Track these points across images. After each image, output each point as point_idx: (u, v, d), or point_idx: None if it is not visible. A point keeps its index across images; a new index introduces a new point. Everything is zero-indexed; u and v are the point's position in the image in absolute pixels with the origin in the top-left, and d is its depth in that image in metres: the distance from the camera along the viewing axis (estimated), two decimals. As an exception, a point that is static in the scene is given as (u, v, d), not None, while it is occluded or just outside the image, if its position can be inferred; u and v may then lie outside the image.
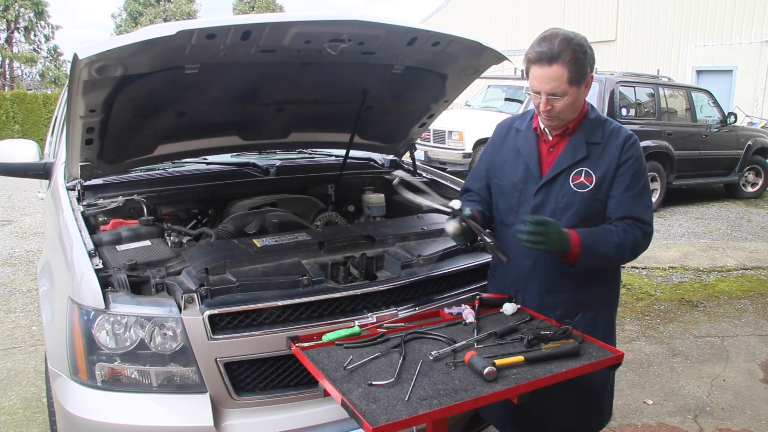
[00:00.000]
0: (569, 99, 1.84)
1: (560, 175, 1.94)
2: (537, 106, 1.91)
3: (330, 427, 1.93)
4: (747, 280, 5.69)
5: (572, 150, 1.94)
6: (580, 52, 1.80)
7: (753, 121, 12.24)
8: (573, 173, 1.92)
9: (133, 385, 1.85)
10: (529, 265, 2.01)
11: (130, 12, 36.60)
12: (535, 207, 1.96)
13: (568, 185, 1.92)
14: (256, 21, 2.07)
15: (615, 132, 1.94)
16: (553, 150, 1.98)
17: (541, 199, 1.96)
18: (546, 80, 1.81)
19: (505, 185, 2.06)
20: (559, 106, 1.85)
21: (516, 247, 1.99)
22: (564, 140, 1.96)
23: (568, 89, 1.81)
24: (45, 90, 26.58)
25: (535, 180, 1.97)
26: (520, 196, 2.00)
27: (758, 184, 10.17)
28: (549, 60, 1.78)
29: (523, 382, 1.54)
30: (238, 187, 3.08)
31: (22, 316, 4.62)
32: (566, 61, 1.78)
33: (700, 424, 3.16)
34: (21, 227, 7.78)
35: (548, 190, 1.95)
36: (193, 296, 1.85)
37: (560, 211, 1.93)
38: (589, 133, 1.94)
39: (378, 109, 3.12)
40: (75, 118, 2.23)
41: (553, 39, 1.79)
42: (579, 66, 1.80)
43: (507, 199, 2.05)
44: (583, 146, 1.93)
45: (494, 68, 2.92)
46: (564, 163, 1.94)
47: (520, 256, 2.00)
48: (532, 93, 1.88)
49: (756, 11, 14.63)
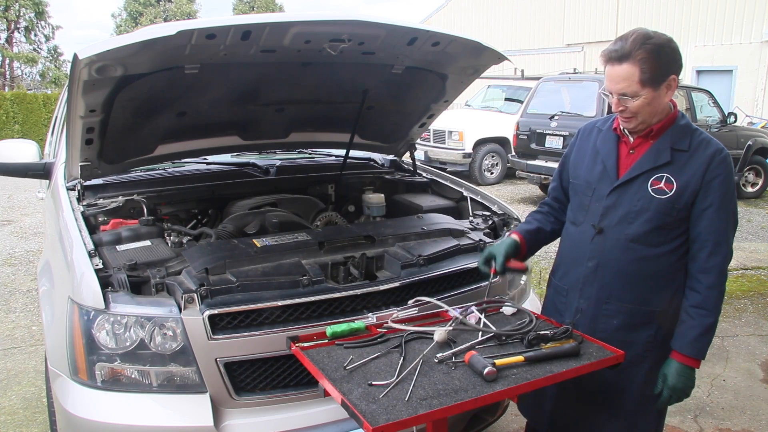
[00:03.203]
0: (643, 100, 1.75)
1: (638, 177, 1.85)
2: (612, 106, 1.84)
3: (330, 427, 1.93)
4: (747, 280, 5.69)
5: (655, 154, 1.84)
6: (656, 51, 1.71)
7: (753, 121, 12.24)
8: (653, 178, 1.83)
9: (133, 385, 1.84)
10: (592, 267, 1.92)
11: (130, 12, 36.59)
12: (607, 208, 1.89)
13: (645, 189, 1.83)
14: (256, 21, 2.07)
15: (705, 142, 1.82)
16: (633, 152, 1.89)
17: (614, 201, 1.88)
18: (616, 80, 1.75)
19: (579, 184, 2.00)
20: (633, 108, 1.77)
21: (579, 247, 1.96)
22: (647, 143, 1.86)
23: (641, 90, 1.73)
24: (45, 90, 26.59)
25: (611, 180, 1.90)
26: (593, 196, 1.93)
27: (758, 184, 10.16)
28: (619, 59, 1.72)
29: (523, 382, 1.54)
30: (238, 187, 3.08)
31: (22, 316, 4.62)
32: (638, 59, 1.70)
33: (700, 424, 3.16)
34: (21, 227, 7.78)
35: (623, 191, 1.87)
36: (193, 296, 1.84)
37: (633, 215, 1.84)
38: (676, 140, 1.83)
39: (378, 109, 3.12)
40: (75, 118, 2.23)
41: (628, 37, 1.73)
42: (654, 66, 1.71)
43: (580, 198, 1.99)
44: (667, 151, 1.82)
45: (494, 68, 2.92)
46: (644, 166, 1.84)
47: (582, 256, 1.95)
48: (608, 93, 1.81)
49: (756, 11, 14.63)
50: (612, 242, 1.88)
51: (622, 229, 1.86)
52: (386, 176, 3.47)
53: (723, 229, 1.81)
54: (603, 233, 1.90)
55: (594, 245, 1.92)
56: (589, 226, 1.93)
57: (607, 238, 1.89)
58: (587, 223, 1.94)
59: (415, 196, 3.21)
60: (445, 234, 2.46)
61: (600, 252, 1.90)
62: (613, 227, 1.88)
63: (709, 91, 9.93)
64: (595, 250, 1.91)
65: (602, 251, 1.90)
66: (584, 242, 1.94)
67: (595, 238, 1.91)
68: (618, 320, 1.90)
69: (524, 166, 9.13)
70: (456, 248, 2.34)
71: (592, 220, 1.93)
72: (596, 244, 1.91)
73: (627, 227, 1.85)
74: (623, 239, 1.86)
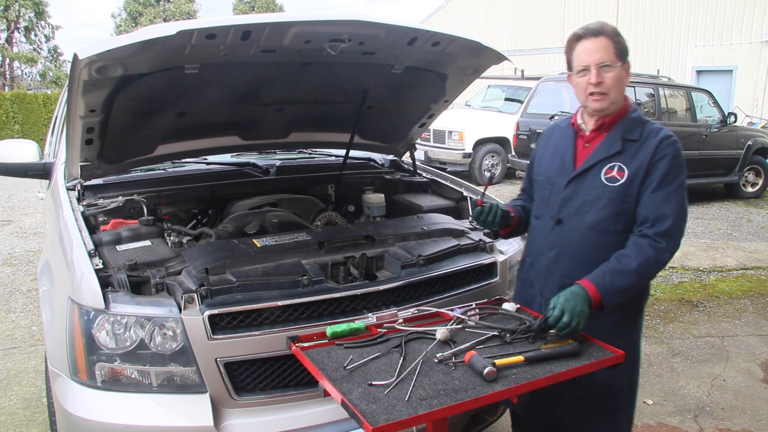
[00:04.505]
0: (618, 73, 1.88)
1: (593, 168, 1.95)
2: (584, 89, 1.91)
3: (330, 427, 1.93)
4: (747, 280, 5.69)
5: (607, 144, 1.95)
6: (619, 33, 1.91)
7: (753, 121, 12.24)
8: (606, 167, 1.93)
9: (133, 385, 1.84)
10: (553, 256, 2.00)
11: (130, 12, 36.60)
12: (564, 199, 1.98)
13: (599, 179, 1.93)
14: (256, 21, 2.07)
15: (654, 131, 1.94)
16: (588, 145, 2.00)
17: (571, 192, 1.97)
18: (595, 50, 1.87)
19: (541, 179, 2.11)
20: (609, 81, 1.87)
21: (541, 238, 2.04)
22: (601, 135, 1.98)
23: (617, 60, 1.87)
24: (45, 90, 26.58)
25: (568, 172, 2.00)
26: (552, 189, 2.03)
27: (758, 184, 10.16)
28: (595, 33, 1.88)
29: (523, 382, 1.54)
30: (238, 187, 3.08)
31: (22, 316, 4.62)
32: (610, 34, 1.88)
33: (700, 424, 3.16)
34: (21, 227, 7.78)
35: (579, 182, 1.96)
36: (193, 296, 1.85)
37: (589, 204, 1.93)
38: (627, 130, 1.94)
39: (378, 109, 3.12)
40: (75, 118, 2.23)
41: (593, 23, 1.92)
42: (621, 42, 1.89)
43: (541, 193, 2.10)
44: (618, 141, 1.93)
45: (494, 68, 2.92)
46: (598, 156, 1.95)
47: (543, 247, 2.03)
48: (579, 72, 1.90)
49: (756, 11, 14.62)
50: (570, 231, 1.96)
51: (579, 218, 1.95)
52: (386, 176, 3.47)
53: (662, 203, 1.86)
54: (562, 223, 1.98)
55: (554, 235, 2.00)
56: (549, 217, 2.03)
57: (566, 228, 1.97)
58: (548, 215, 2.03)
59: (415, 196, 3.21)
60: (445, 234, 2.46)
61: (560, 241, 1.98)
62: (571, 217, 1.97)
63: (709, 91, 9.92)
64: (555, 240, 1.99)
65: (562, 240, 1.98)
66: (545, 233, 2.03)
67: (555, 228, 2.00)
68: None
69: (524, 166, 9.11)
70: (456, 248, 2.34)
71: (551, 211, 2.02)
72: (556, 234, 2.00)
73: (584, 216, 1.93)
74: (581, 228, 1.94)
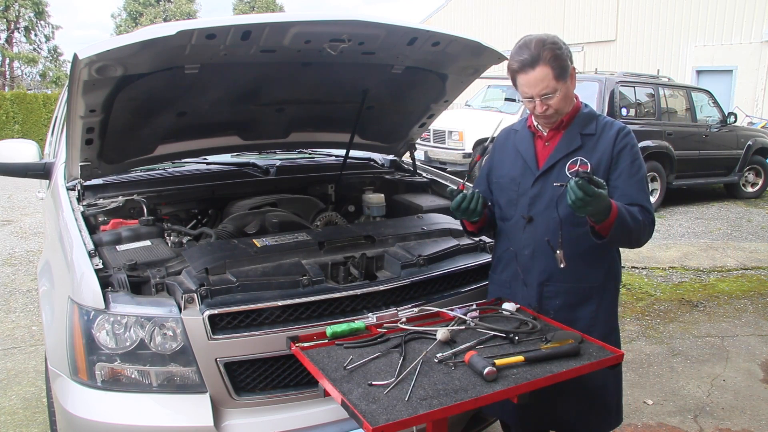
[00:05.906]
0: (561, 94, 1.92)
1: (556, 165, 2.01)
2: (532, 111, 1.99)
3: (330, 427, 1.93)
4: (747, 280, 5.69)
5: (567, 141, 2.02)
6: (557, 49, 1.89)
7: (753, 121, 12.24)
8: (569, 162, 1.99)
9: (133, 385, 1.84)
10: (528, 254, 2.04)
11: (130, 12, 36.59)
12: (533, 197, 2.03)
13: (564, 174, 1.98)
14: (256, 21, 2.07)
15: (609, 124, 2.03)
16: (548, 144, 2.06)
17: (538, 190, 2.02)
18: (535, 83, 1.89)
19: (504, 182, 2.14)
20: (554, 104, 1.93)
21: (513, 239, 2.08)
22: (559, 134, 2.04)
23: (557, 85, 1.90)
24: (45, 90, 26.59)
25: (532, 172, 2.05)
26: (519, 189, 2.08)
27: (758, 184, 10.16)
28: (531, 64, 1.87)
29: (523, 382, 1.54)
30: (238, 187, 3.08)
31: (22, 316, 4.62)
32: (547, 60, 1.87)
33: (700, 424, 3.16)
34: (21, 227, 7.78)
35: (545, 180, 2.01)
36: (193, 296, 1.85)
37: (557, 199, 1.97)
38: (583, 126, 2.02)
39: (378, 109, 3.12)
40: (75, 118, 2.23)
41: (529, 44, 1.88)
42: (560, 61, 1.89)
43: (507, 194, 2.12)
44: (577, 137, 2.00)
45: (494, 68, 2.92)
46: (559, 153, 2.01)
47: (518, 246, 2.07)
48: (525, 100, 1.96)
49: (756, 11, 14.62)
50: (543, 228, 2.00)
51: (549, 214, 1.98)
52: (386, 176, 3.47)
53: (636, 191, 1.94)
54: (533, 221, 2.02)
55: (527, 234, 2.04)
56: (519, 217, 2.06)
57: (538, 225, 2.01)
58: (518, 215, 2.07)
59: (415, 196, 3.21)
60: (445, 234, 2.46)
61: (533, 239, 2.02)
62: (542, 213, 2.00)
63: (709, 91, 9.92)
64: (529, 238, 2.03)
65: (535, 237, 2.01)
66: (517, 233, 2.07)
67: (527, 227, 2.04)
68: (560, 300, 2.01)
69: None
70: (456, 248, 2.34)
71: (522, 211, 2.05)
72: (528, 232, 2.03)
73: (553, 211, 1.96)
74: (552, 223, 1.97)
